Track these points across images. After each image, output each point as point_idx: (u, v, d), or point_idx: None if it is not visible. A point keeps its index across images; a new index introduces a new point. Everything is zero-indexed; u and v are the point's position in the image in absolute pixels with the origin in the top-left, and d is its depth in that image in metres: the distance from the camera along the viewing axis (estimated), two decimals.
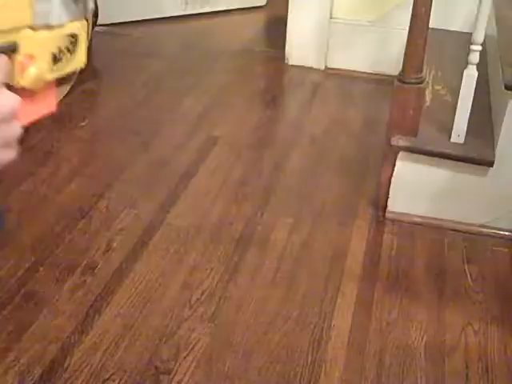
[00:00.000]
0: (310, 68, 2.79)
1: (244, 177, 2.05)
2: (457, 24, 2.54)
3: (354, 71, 2.77)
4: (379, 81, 2.69)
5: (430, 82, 2.11)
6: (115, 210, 1.86)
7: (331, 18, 2.73)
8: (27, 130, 0.67)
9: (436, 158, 1.81)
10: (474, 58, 1.71)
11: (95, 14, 2.67)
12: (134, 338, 1.46)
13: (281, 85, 2.76)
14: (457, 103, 1.77)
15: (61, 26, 0.65)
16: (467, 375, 1.44)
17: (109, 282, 1.61)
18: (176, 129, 2.30)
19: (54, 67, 0.66)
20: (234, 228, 1.82)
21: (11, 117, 0.60)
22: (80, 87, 2.51)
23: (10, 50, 0.60)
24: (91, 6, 0.70)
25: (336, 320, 1.54)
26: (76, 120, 2.32)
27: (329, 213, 1.91)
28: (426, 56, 1.77)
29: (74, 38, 0.67)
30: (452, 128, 1.81)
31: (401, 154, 1.83)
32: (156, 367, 1.39)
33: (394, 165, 1.85)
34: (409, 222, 1.89)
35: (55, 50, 0.65)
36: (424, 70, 1.81)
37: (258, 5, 3.42)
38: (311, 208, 1.93)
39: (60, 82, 0.68)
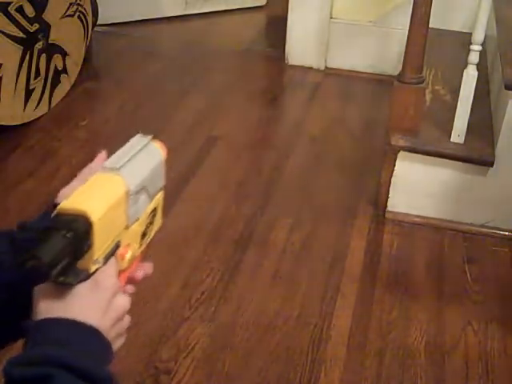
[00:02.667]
0: (310, 68, 2.79)
1: (244, 177, 2.05)
2: (457, 24, 2.54)
3: (354, 71, 2.77)
4: (379, 81, 2.69)
5: (430, 82, 2.11)
6: None
7: (331, 18, 2.73)
8: (27, 130, 0.69)
9: (436, 158, 1.81)
10: (474, 57, 1.71)
11: (95, 14, 2.66)
12: (133, 338, 1.46)
13: (281, 85, 2.76)
14: (457, 103, 1.77)
15: (145, 211, 0.75)
16: (467, 375, 1.44)
17: None
18: (176, 129, 2.30)
19: (143, 242, 0.79)
20: (234, 228, 1.82)
21: (124, 315, 0.72)
22: (80, 87, 2.51)
23: (116, 249, 0.70)
24: (164, 182, 0.80)
25: (336, 320, 1.54)
26: (76, 120, 2.32)
27: (329, 213, 1.91)
28: (425, 56, 1.77)
29: (155, 210, 0.79)
30: (452, 128, 1.81)
31: (401, 154, 1.83)
32: (156, 367, 1.39)
33: (394, 165, 1.85)
34: (409, 222, 1.89)
35: (144, 230, 0.77)
36: (424, 70, 1.81)
37: (258, 5, 3.42)
38: (311, 208, 1.93)
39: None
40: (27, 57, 2.19)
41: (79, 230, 0.63)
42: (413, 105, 1.79)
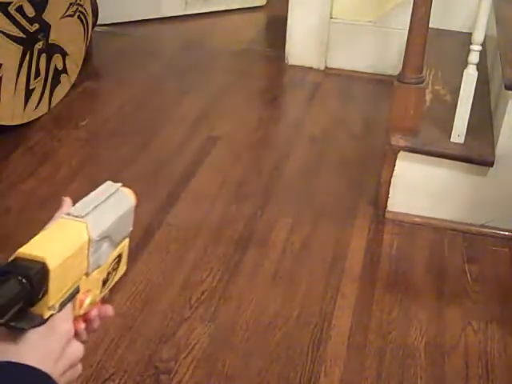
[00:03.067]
0: (310, 68, 2.79)
1: (244, 177, 2.05)
2: (457, 24, 2.54)
3: (354, 71, 2.77)
4: (379, 81, 2.69)
5: (430, 82, 2.11)
6: None
7: (331, 18, 2.73)
8: (27, 130, 0.69)
9: (436, 158, 1.81)
10: (474, 57, 1.71)
11: (95, 14, 2.67)
12: (134, 338, 1.46)
13: (281, 85, 2.76)
14: (457, 103, 1.77)
15: (107, 259, 0.74)
16: (467, 375, 1.44)
17: None
18: (176, 129, 2.30)
19: (104, 288, 0.76)
20: (234, 228, 1.82)
21: (77, 362, 0.70)
22: (80, 87, 2.51)
23: (74, 295, 0.69)
24: (131, 228, 0.78)
25: (336, 320, 1.54)
26: (76, 120, 2.32)
27: (329, 213, 1.91)
28: (425, 56, 1.77)
29: (118, 258, 0.78)
30: (452, 128, 1.81)
31: (401, 154, 1.83)
32: (156, 367, 1.39)
33: (394, 165, 1.85)
34: (409, 222, 1.89)
35: (105, 277, 0.75)
36: (424, 70, 1.81)
37: (258, 5, 3.42)
38: (311, 208, 1.93)
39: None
40: (27, 57, 2.19)
41: (35, 277, 0.63)
42: (413, 105, 1.79)
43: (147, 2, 3.14)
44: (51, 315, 0.66)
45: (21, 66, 2.17)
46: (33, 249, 0.65)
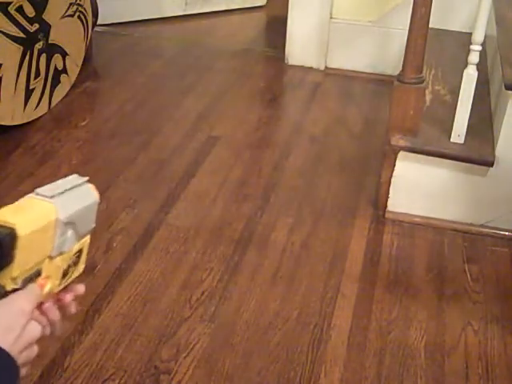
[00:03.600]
0: (310, 68, 2.79)
1: (244, 177, 2.05)
2: (457, 24, 2.54)
3: (354, 71, 2.77)
4: (379, 81, 2.70)
5: (430, 82, 2.11)
6: (115, 210, 1.86)
7: (331, 18, 2.73)
8: (27, 130, 0.71)
9: (436, 158, 1.81)
10: (474, 58, 1.71)
11: (95, 14, 2.67)
12: (134, 338, 1.46)
13: (281, 85, 2.76)
14: (457, 103, 1.77)
15: (71, 249, 0.76)
16: (467, 375, 1.44)
17: (109, 282, 1.61)
18: (176, 129, 2.30)
19: (63, 281, 0.77)
20: (234, 228, 1.82)
21: (34, 343, 0.72)
22: (80, 87, 2.51)
23: (36, 277, 0.71)
24: (93, 225, 0.82)
25: (336, 320, 1.54)
26: (76, 120, 2.32)
27: (329, 213, 1.91)
28: (426, 56, 1.77)
29: (79, 252, 0.79)
30: (452, 128, 1.81)
31: (401, 154, 1.83)
32: (156, 367, 1.39)
33: (394, 165, 1.85)
34: (409, 222, 1.89)
35: (66, 268, 0.77)
36: (424, 70, 1.81)
37: (258, 5, 3.42)
38: (311, 208, 1.93)
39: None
40: (27, 57, 2.19)
41: (3, 240, 0.64)
42: (413, 105, 1.79)
43: (147, 2, 3.14)
44: (13, 290, 0.67)
45: (21, 66, 2.17)
46: (3, 215, 0.66)
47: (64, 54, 2.37)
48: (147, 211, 1.86)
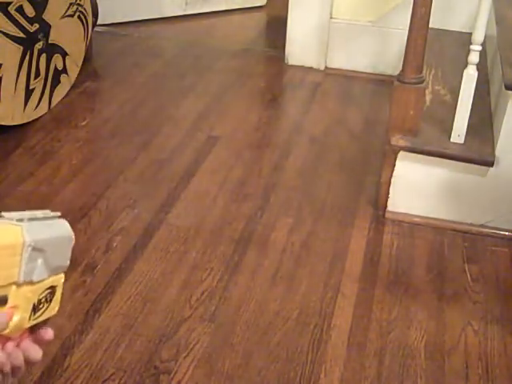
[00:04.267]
0: (310, 68, 2.80)
1: (244, 177, 2.05)
2: (457, 24, 2.54)
3: (354, 71, 2.77)
4: (379, 81, 2.70)
5: (430, 82, 2.11)
6: (115, 210, 1.86)
7: (331, 18, 2.73)
8: (27, 130, 0.70)
9: (436, 158, 1.81)
10: (474, 58, 1.71)
11: (95, 14, 2.67)
12: (134, 338, 1.46)
13: (281, 85, 2.76)
14: (457, 103, 1.77)
15: (42, 280, 0.72)
16: (467, 375, 1.44)
17: (109, 282, 1.61)
18: (176, 129, 2.30)
19: (33, 316, 0.72)
20: (234, 228, 1.82)
21: None
22: (80, 87, 2.51)
23: (1, 304, 0.68)
24: (68, 263, 0.77)
25: (336, 320, 1.54)
26: (76, 120, 2.32)
27: (329, 213, 1.91)
28: (426, 56, 1.77)
29: (52, 289, 0.74)
30: (452, 128, 1.81)
31: (401, 154, 1.83)
32: (156, 367, 1.39)
33: (394, 165, 1.85)
34: (409, 222, 1.89)
35: (36, 302, 0.72)
36: (424, 70, 1.81)
37: (258, 5, 3.42)
38: (311, 208, 1.93)
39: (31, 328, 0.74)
40: (27, 57, 2.19)
41: None
42: (413, 105, 1.79)
43: (147, 2, 3.14)
44: None
45: (21, 66, 2.17)
46: None
47: (64, 54, 2.37)
48: (147, 211, 1.86)
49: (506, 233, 1.86)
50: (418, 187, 1.87)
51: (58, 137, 2.21)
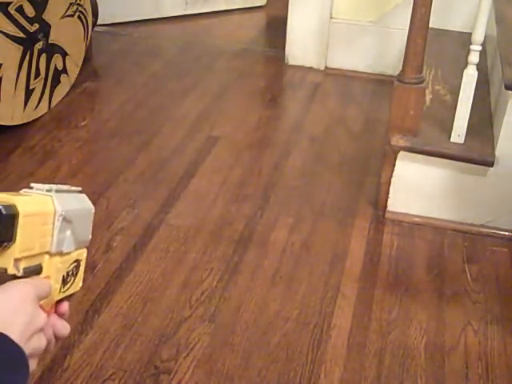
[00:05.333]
0: (310, 68, 2.79)
1: (244, 177, 2.05)
2: (457, 24, 2.54)
3: (354, 71, 2.77)
4: (379, 81, 2.70)
5: (430, 82, 2.11)
6: (115, 210, 1.86)
7: (331, 18, 2.73)
8: (27, 130, 0.70)
9: (436, 158, 1.81)
10: (474, 58, 1.71)
11: (95, 14, 2.67)
12: (134, 338, 1.46)
13: (281, 85, 2.76)
14: (457, 103, 1.77)
15: (69, 252, 0.74)
16: (467, 375, 1.44)
17: (109, 282, 1.61)
18: (176, 129, 2.30)
19: (62, 289, 0.75)
20: (234, 228, 1.82)
21: (41, 331, 0.68)
22: (80, 87, 2.51)
23: (37, 272, 0.69)
24: (90, 237, 0.78)
25: (336, 320, 1.54)
26: (76, 120, 2.32)
27: (329, 213, 1.91)
28: (425, 56, 1.77)
29: (77, 263, 0.77)
30: (452, 128, 1.81)
31: (401, 154, 1.83)
32: (156, 367, 1.39)
33: (394, 165, 1.85)
34: (409, 222, 1.89)
35: (65, 274, 0.74)
36: (424, 70, 1.81)
37: (258, 5, 3.42)
38: (311, 208, 1.93)
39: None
40: (27, 57, 2.19)
41: (5, 212, 0.63)
42: (413, 105, 1.79)
43: (147, 2, 3.14)
44: (15, 276, 0.66)
45: (21, 66, 2.17)
46: (2, 196, 0.66)
47: (64, 54, 2.37)
48: (147, 211, 1.86)
49: (506, 233, 1.86)
50: (417, 187, 1.87)
51: (58, 137, 2.21)
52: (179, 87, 2.58)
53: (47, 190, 0.71)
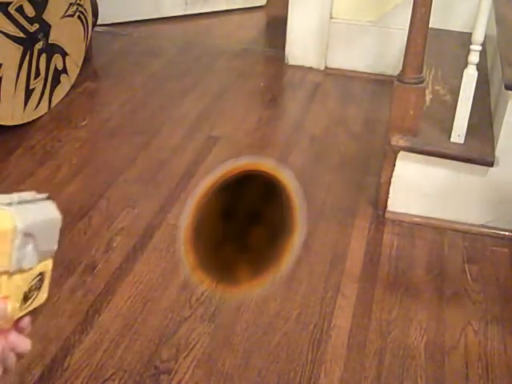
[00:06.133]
0: (310, 68, 2.79)
1: None
2: (457, 24, 2.54)
3: (354, 71, 2.77)
4: (379, 81, 2.69)
5: (430, 82, 2.11)
6: (115, 210, 1.86)
7: (331, 18, 2.73)
8: (27, 130, 0.69)
9: (436, 158, 1.81)
10: (474, 58, 1.71)
11: (95, 14, 2.67)
12: (134, 338, 1.46)
13: (281, 85, 2.76)
14: (457, 103, 1.77)
15: (32, 267, 0.68)
16: (467, 375, 1.44)
17: (109, 282, 1.61)
18: (176, 129, 2.30)
19: (24, 306, 0.69)
20: None
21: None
22: (80, 87, 2.51)
23: None
24: (56, 247, 0.73)
25: (336, 320, 1.54)
26: (76, 120, 2.32)
27: (329, 213, 1.91)
28: (425, 56, 1.77)
29: (42, 276, 0.71)
30: (452, 128, 1.81)
31: (401, 154, 1.83)
32: (156, 367, 1.39)
33: (394, 165, 1.85)
34: (409, 222, 1.89)
35: (27, 290, 0.69)
36: (424, 70, 1.81)
37: (258, 5, 3.42)
38: (311, 208, 1.93)
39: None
40: (27, 57, 2.19)
41: None
42: (413, 105, 1.79)
43: (147, 2, 3.14)
44: None
45: (21, 66, 2.17)
46: None
47: (64, 54, 2.37)
48: (147, 211, 1.86)
49: (506, 233, 1.86)
50: (418, 187, 1.87)
51: (58, 137, 2.21)
52: (179, 87, 2.58)
53: (8, 204, 0.66)
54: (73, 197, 1.91)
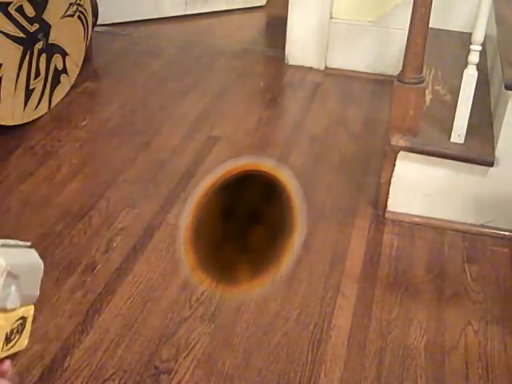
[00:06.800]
0: (310, 68, 2.79)
1: None
2: (457, 24, 2.54)
3: (354, 71, 2.77)
4: (379, 81, 2.69)
5: (430, 82, 2.11)
6: (115, 210, 1.86)
7: (331, 18, 2.73)
8: (27, 130, 0.69)
9: (436, 158, 1.81)
10: (474, 58, 1.71)
11: (95, 14, 2.67)
12: (133, 338, 1.46)
13: (281, 85, 2.76)
14: (457, 103, 1.77)
15: (14, 309, 0.69)
16: (467, 375, 1.44)
17: (109, 282, 1.61)
18: (176, 129, 2.30)
19: (5, 347, 0.69)
20: None
21: None
22: (80, 87, 2.51)
23: None
24: (38, 293, 0.74)
25: (336, 320, 1.54)
26: (76, 120, 2.32)
27: (329, 213, 1.91)
28: (425, 56, 1.77)
29: (23, 320, 0.71)
30: (452, 128, 1.81)
31: (401, 154, 1.83)
32: (156, 367, 1.39)
33: (394, 165, 1.85)
34: (409, 222, 1.89)
35: (9, 331, 0.69)
36: (424, 70, 1.81)
37: (258, 5, 3.42)
38: (311, 208, 1.93)
39: None
40: (27, 57, 2.19)
41: None
42: (413, 105, 1.79)
43: (147, 2, 3.14)
44: None
45: (21, 66, 2.17)
46: None
47: (64, 54, 2.37)
48: (147, 211, 1.86)
49: (506, 233, 1.86)
50: (418, 187, 1.87)
51: (58, 137, 2.21)
52: (179, 87, 2.58)
53: None
54: (73, 197, 1.91)
